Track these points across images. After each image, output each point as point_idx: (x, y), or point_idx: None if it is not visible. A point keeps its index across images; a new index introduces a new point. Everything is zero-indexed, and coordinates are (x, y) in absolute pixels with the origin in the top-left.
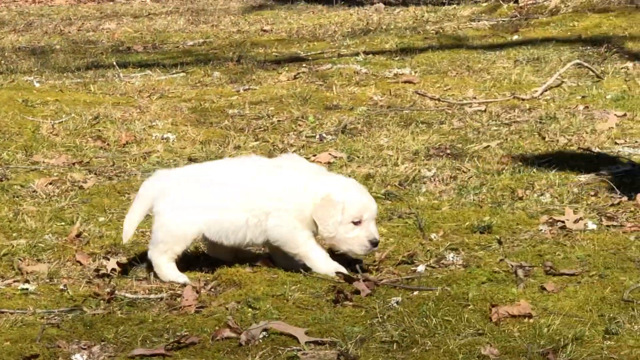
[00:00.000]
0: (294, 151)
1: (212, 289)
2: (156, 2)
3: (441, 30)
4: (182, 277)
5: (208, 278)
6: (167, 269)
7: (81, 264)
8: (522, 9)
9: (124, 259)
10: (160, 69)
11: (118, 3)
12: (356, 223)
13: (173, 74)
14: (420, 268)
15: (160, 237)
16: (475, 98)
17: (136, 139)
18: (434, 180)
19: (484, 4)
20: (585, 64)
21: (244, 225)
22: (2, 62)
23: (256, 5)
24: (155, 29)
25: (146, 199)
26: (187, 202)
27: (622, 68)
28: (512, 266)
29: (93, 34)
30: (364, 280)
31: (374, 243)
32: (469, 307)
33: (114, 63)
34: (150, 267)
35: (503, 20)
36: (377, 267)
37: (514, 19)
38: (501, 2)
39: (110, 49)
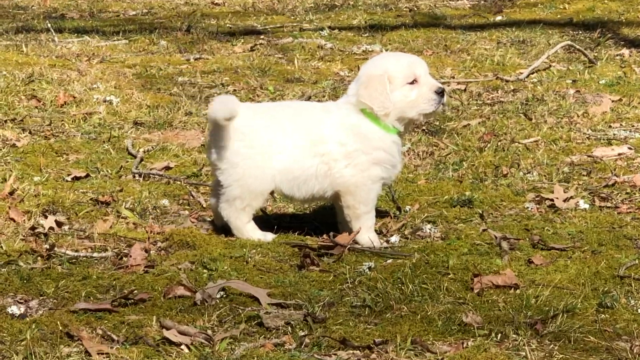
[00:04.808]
0: None
1: (163, 250)
2: None
3: (416, 8)
4: (269, 235)
5: (158, 238)
6: (248, 230)
7: (15, 221)
8: None
9: (62, 218)
10: (100, 35)
11: None
12: (412, 83)
13: (114, 40)
14: (394, 239)
15: (236, 193)
16: (453, 77)
17: (75, 99)
18: (409, 154)
19: None
20: (577, 47)
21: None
22: None
23: None
24: None
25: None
26: (263, 150)
27: (617, 55)
28: (496, 237)
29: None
30: (333, 246)
31: (440, 92)
32: (449, 276)
33: (49, 26)
34: (91, 227)
35: (485, 0)
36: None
37: None
38: None
39: (41, 16)
